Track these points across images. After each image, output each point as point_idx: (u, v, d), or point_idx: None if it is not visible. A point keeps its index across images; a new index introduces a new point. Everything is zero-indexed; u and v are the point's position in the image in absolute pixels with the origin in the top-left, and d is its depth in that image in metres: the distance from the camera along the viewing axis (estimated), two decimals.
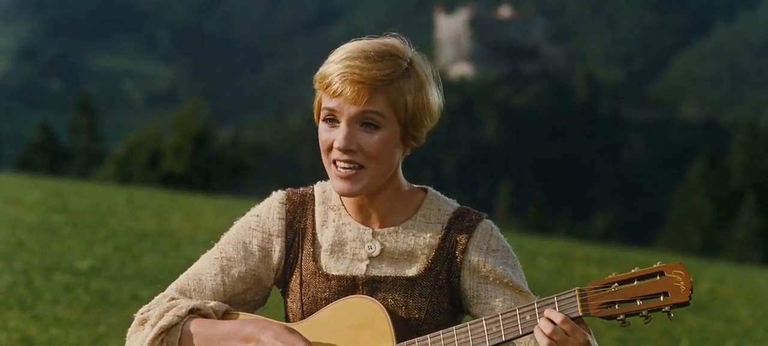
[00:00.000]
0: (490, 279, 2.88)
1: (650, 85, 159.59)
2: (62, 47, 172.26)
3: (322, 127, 2.85)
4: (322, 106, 2.84)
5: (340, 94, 2.80)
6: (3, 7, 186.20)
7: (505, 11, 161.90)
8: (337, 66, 2.81)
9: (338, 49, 2.88)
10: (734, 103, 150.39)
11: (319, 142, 2.86)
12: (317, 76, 2.86)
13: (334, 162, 2.83)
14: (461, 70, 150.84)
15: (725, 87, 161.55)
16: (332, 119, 2.83)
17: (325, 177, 3.02)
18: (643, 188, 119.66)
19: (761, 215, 56.74)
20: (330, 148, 2.84)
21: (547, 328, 2.69)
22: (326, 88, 2.82)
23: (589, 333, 2.74)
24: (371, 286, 2.87)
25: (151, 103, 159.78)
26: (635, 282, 2.71)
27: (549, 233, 45.15)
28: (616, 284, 2.71)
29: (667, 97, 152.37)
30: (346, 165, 2.81)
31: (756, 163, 64.94)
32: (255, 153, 60.82)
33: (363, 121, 2.81)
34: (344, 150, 2.80)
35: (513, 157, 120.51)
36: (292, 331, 2.82)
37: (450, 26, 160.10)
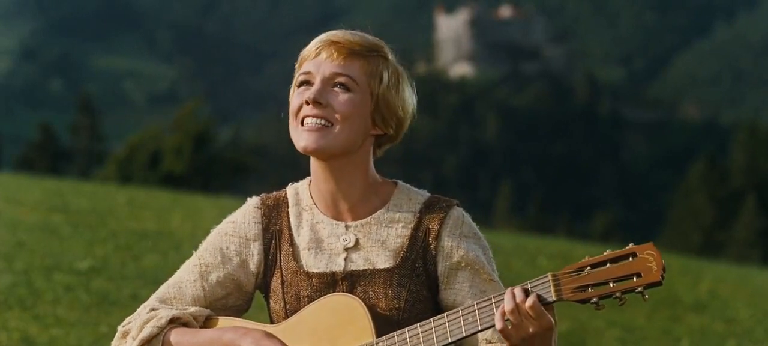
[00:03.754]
0: (462, 265, 2.90)
1: (650, 85, 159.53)
2: (63, 48, 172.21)
3: (295, 93, 2.93)
4: (299, 70, 2.94)
5: (317, 56, 2.89)
6: (4, 8, 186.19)
7: (505, 11, 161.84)
8: (322, 37, 2.91)
9: None
10: (734, 103, 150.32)
11: (291, 106, 2.93)
12: (299, 57, 2.96)
13: (302, 121, 2.89)
14: (461, 70, 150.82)
15: (725, 87, 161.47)
16: (306, 82, 2.91)
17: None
18: (643, 188, 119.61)
19: (761, 215, 56.70)
20: (298, 110, 2.90)
21: (508, 304, 2.69)
22: (305, 57, 2.92)
23: (555, 324, 2.73)
24: (350, 280, 2.89)
25: (151, 103, 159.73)
26: (608, 265, 2.71)
27: (549, 232, 45.13)
28: (589, 268, 2.71)
29: (668, 97, 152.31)
30: (315, 120, 2.87)
31: (756, 163, 64.87)
32: (255, 153, 60.77)
33: (337, 82, 2.88)
34: (314, 102, 2.85)
35: (513, 157, 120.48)
36: (271, 336, 2.84)
37: (450, 26, 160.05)
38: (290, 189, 3.04)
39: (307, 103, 2.87)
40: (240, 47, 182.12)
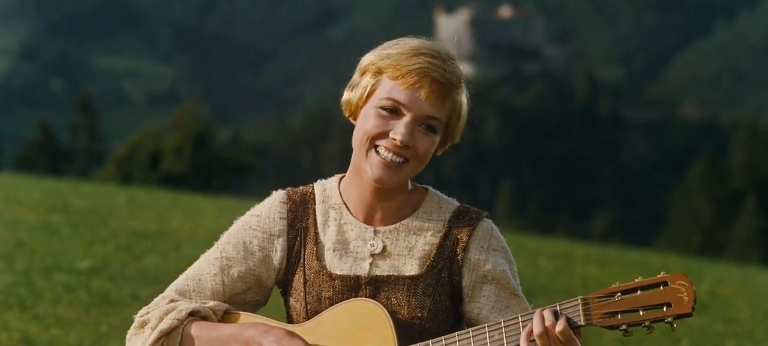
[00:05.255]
0: (489, 279, 2.88)
1: (650, 85, 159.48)
2: (63, 47, 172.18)
3: (376, 113, 2.82)
4: (387, 95, 2.81)
5: (417, 88, 2.79)
6: (4, 7, 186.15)
7: (505, 11, 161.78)
8: (415, 60, 2.80)
9: (393, 42, 2.87)
10: (734, 103, 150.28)
11: (365, 125, 2.83)
12: (378, 62, 2.84)
13: (376, 148, 2.82)
14: (462, 70, 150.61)
15: (725, 87, 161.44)
16: (394, 111, 2.81)
17: (325, 176, 3.02)
18: (643, 188, 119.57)
19: (761, 215, 56.69)
20: (378, 137, 2.81)
21: (537, 327, 2.68)
22: (399, 77, 2.80)
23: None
24: (374, 285, 2.87)
25: (151, 103, 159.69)
26: (638, 292, 2.69)
27: (549, 233, 45.11)
28: (619, 294, 2.70)
29: (668, 97, 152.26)
30: (395, 157, 2.80)
31: (756, 163, 64.85)
32: (255, 153, 60.81)
33: (424, 123, 2.82)
34: (402, 146, 2.79)
35: (513, 157, 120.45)
36: (293, 335, 2.81)
37: (450, 26, 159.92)
38: (318, 186, 2.99)
39: (395, 142, 2.80)
40: (239, 47, 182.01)
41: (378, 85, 2.83)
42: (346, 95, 2.91)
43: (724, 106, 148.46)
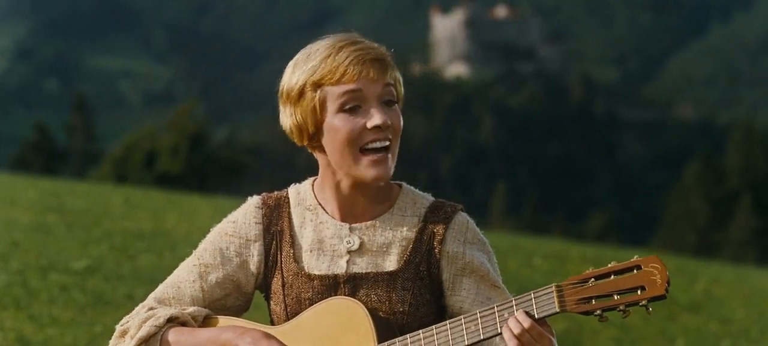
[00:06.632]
0: (467, 271, 2.89)
1: (646, 86, 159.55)
2: (58, 47, 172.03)
3: (342, 118, 2.82)
4: (341, 92, 2.81)
5: (363, 75, 2.80)
6: None
7: (500, 11, 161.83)
8: (343, 54, 2.81)
9: (304, 56, 2.86)
10: (730, 104, 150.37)
11: (338, 136, 2.82)
12: (310, 78, 2.83)
13: (363, 150, 2.82)
14: (457, 70, 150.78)
15: (721, 87, 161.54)
16: (354, 107, 2.81)
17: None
18: (638, 188, 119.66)
19: (757, 215, 56.75)
20: (358, 136, 2.81)
21: (516, 328, 2.70)
22: (341, 78, 2.80)
23: (553, 335, 2.76)
24: (353, 284, 2.87)
25: (147, 103, 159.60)
26: (612, 277, 2.71)
27: (545, 233, 45.11)
28: (593, 279, 2.71)
29: (663, 98, 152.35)
30: (381, 145, 2.81)
31: (752, 164, 64.89)
32: (251, 153, 60.74)
33: (385, 99, 2.83)
34: (384, 127, 2.80)
35: (509, 157, 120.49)
36: (270, 336, 2.82)
37: (446, 26, 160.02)
38: (292, 190, 3.00)
39: (378, 128, 2.80)
40: (235, 47, 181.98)
41: (325, 95, 2.83)
42: (289, 122, 2.90)
43: (720, 107, 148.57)
